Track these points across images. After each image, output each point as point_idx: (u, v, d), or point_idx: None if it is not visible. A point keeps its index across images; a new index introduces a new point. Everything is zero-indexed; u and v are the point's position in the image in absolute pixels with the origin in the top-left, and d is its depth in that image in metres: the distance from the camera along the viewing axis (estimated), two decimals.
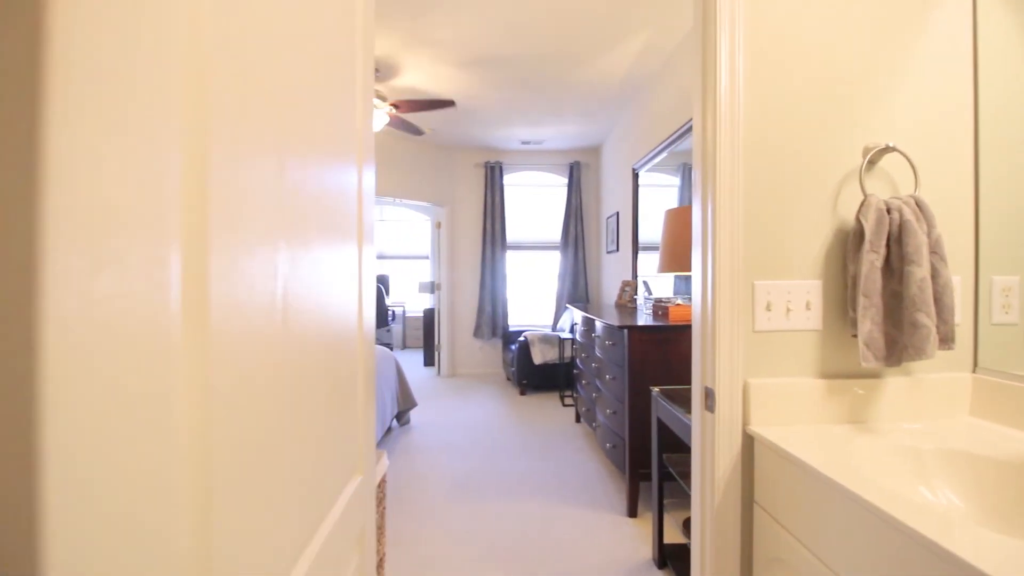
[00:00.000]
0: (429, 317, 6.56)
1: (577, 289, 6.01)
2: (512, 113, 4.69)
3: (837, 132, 1.19)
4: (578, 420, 4.21)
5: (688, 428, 1.68)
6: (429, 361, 6.66)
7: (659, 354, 2.54)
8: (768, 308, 1.17)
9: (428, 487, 2.93)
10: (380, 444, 3.65)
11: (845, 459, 0.99)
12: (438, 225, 6.14)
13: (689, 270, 2.27)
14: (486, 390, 5.41)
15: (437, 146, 5.92)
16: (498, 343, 6.17)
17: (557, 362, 5.09)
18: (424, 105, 3.56)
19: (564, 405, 4.75)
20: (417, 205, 7.39)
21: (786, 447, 1.04)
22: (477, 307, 6.10)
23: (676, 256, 2.29)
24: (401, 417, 4.06)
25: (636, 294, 4.04)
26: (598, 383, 3.22)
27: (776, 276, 1.18)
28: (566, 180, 6.10)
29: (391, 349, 8.26)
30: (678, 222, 2.30)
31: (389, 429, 4.00)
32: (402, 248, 9.00)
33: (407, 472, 3.15)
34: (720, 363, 1.15)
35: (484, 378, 5.99)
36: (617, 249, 4.99)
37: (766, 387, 1.15)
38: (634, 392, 2.53)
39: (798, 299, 1.18)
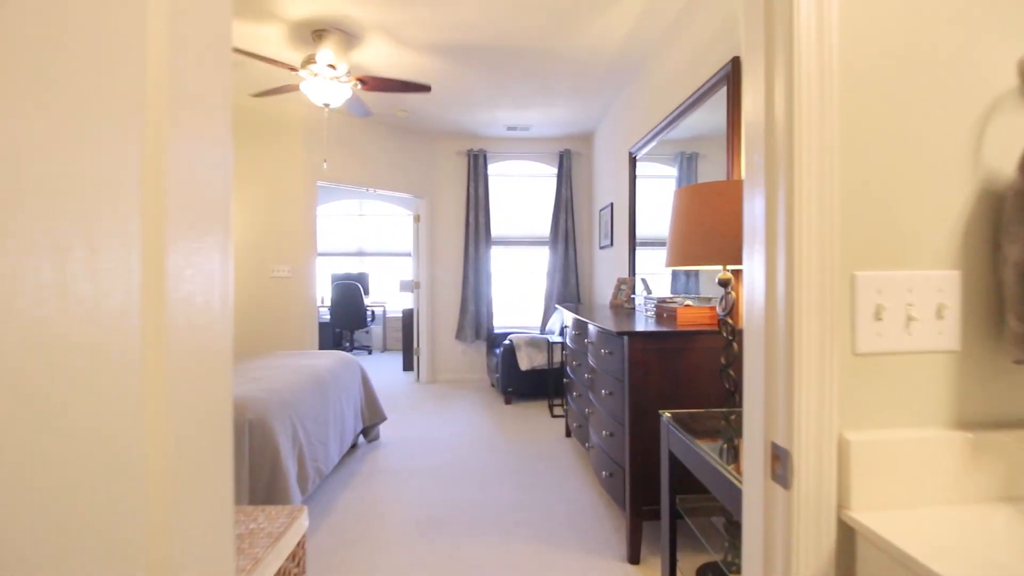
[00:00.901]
0: (408, 318, 6.08)
1: (568, 288, 5.57)
2: (496, 91, 4.23)
3: (974, 42, 0.74)
4: (568, 435, 3.76)
5: (712, 471, 1.23)
6: (408, 365, 6.18)
7: (666, 367, 2.09)
8: (878, 316, 0.72)
9: (390, 523, 2.46)
10: (341, 465, 3.18)
11: None
12: (416, 218, 5.67)
13: (706, 263, 1.83)
14: (468, 398, 4.95)
15: (414, 132, 5.44)
16: (482, 346, 5.71)
17: (545, 368, 4.64)
18: (396, 86, 3.08)
19: (553, 416, 4.30)
20: (393, 196, 6.97)
21: (926, 560, 0.59)
22: (459, 307, 5.64)
23: (691, 246, 1.85)
24: (368, 432, 3.58)
25: (634, 293, 3.60)
26: (591, 397, 2.77)
27: (889, 265, 0.73)
28: (555, 170, 5.65)
29: (369, 352, 7.77)
30: (694, 203, 1.86)
31: (354, 446, 3.52)
32: (384, 245, 8.51)
33: (367, 503, 2.68)
34: (801, 407, 0.70)
35: (467, 384, 5.52)
36: (611, 244, 4.55)
37: (876, 445, 0.70)
38: (636, 412, 2.08)
39: (925, 301, 0.73)
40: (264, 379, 2.54)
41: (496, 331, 5.49)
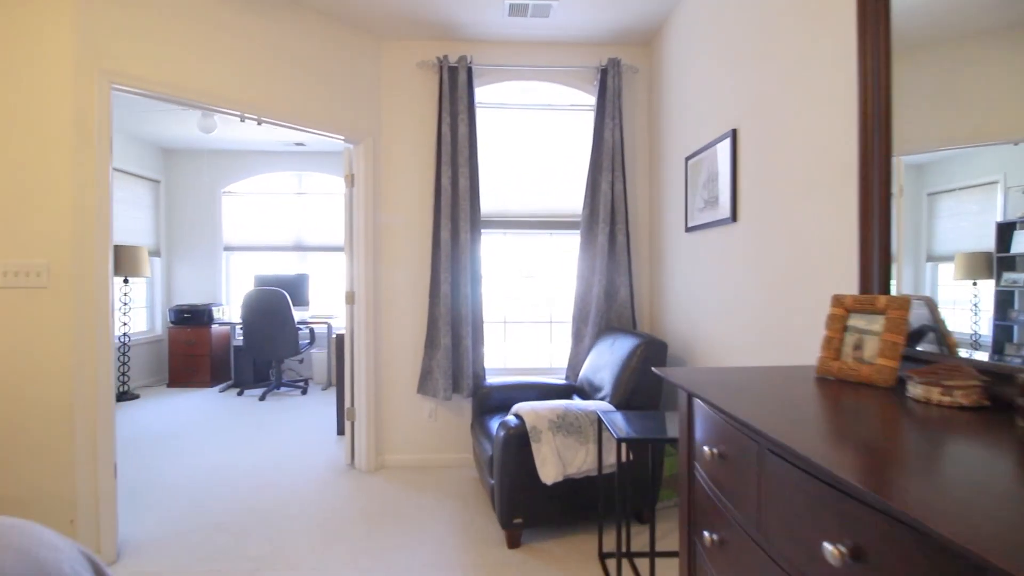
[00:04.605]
0: (340, 350, 3.66)
1: (615, 303, 3.17)
2: None
3: None
4: None
5: None
6: (344, 428, 3.75)
7: None
8: None
9: None
10: None
11: None
12: (349, 179, 3.24)
13: None
14: (433, 524, 2.54)
15: (344, 21, 3.03)
16: (464, 407, 3.30)
17: (593, 474, 2.25)
18: None
19: None
20: (311, 138, 4.69)
21: None
22: (425, 338, 3.22)
23: None
24: None
25: (922, 344, 1.21)
26: None
27: None
28: (594, 96, 3.25)
29: (304, 391, 5.30)
30: None
31: None
32: (331, 236, 6.07)
33: None
34: None
35: (437, 477, 3.11)
36: (733, 219, 2.16)
37: None
38: None
39: None
40: None
41: (489, 383, 3.07)
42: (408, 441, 3.25)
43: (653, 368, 1.39)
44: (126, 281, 5.05)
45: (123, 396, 4.94)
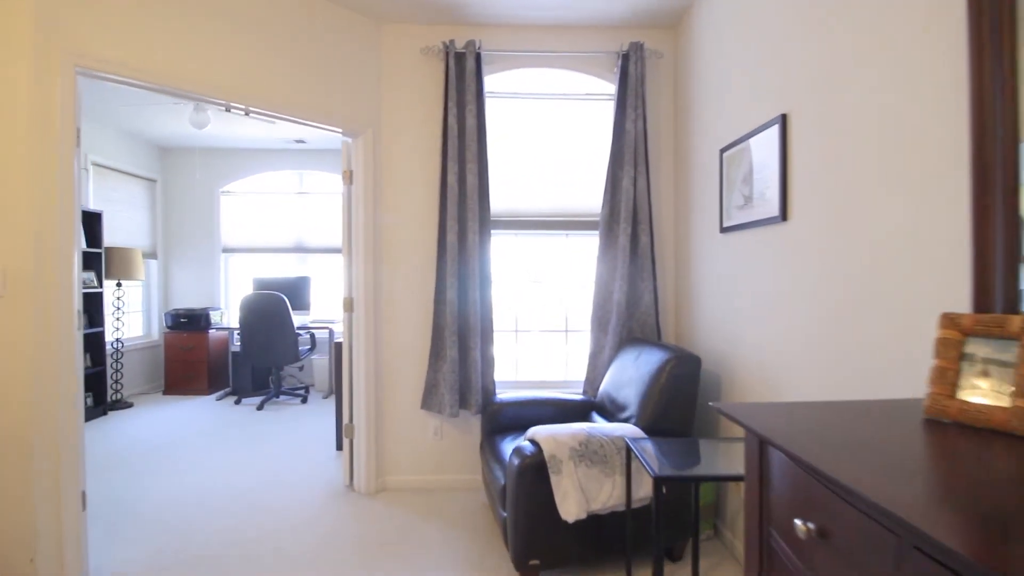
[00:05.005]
0: (339, 359, 3.41)
1: (638, 310, 2.90)
2: None
3: None
4: None
5: None
6: (343, 444, 3.50)
7: None
8: None
9: None
10: None
11: None
12: (347, 176, 2.99)
13: None
14: (442, 556, 2.27)
15: (341, 4, 2.77)
16: (473, 423, 3.03)
17: (620, 509, 1.97)
18: None
19: None
20: (312, 134, 4.47)
21: None
22: (429, 348, 2.96)
23: None
24: None
25: None
26: None
27: None
28: (614, 85, 2.97)
29: (304, 399, 5.05)
30: None
31: None
32: (334, 238, 5.83)
33: None
34: None
35: (443, 502, 2.84)
36: (782, 217, 1.87)
37: None
38: None
39: None
40: None
41: (500, 398, 2.80)
42: (411, 461, 2.99)
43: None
44: (119, 285, 4.83)
45: (116, 404, 4.72)
